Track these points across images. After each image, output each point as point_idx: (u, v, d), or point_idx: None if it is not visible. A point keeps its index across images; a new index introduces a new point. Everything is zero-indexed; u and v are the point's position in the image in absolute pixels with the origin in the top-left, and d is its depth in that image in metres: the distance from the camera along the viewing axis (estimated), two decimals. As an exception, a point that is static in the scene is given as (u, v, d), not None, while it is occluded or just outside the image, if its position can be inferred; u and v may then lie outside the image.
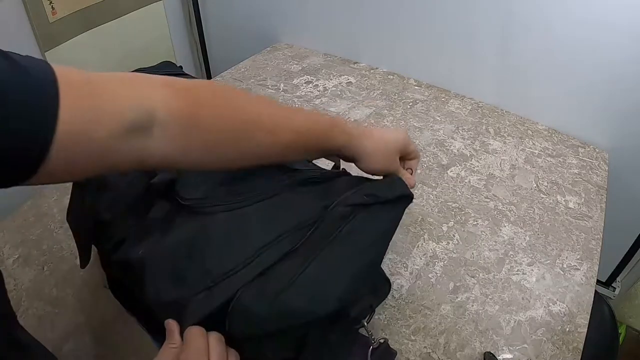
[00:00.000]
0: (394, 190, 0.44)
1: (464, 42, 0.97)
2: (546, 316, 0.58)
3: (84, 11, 1.08)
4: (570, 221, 0.72)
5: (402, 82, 1.08)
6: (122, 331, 0.54)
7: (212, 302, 0.36)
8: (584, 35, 0.82)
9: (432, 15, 0.98)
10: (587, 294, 0.61)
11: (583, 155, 0.87)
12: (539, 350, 0.54)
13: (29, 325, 0.55)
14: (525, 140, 0.90)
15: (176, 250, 0.39)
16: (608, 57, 0.82)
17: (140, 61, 0.49)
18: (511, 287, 0.62)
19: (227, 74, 1.11)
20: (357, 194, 0.42)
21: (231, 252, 0.38)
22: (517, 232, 0.70)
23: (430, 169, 0.82)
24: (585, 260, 0.66)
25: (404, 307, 0.58)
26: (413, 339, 0.55)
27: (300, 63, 1.16)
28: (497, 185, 0.79)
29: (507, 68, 0.95)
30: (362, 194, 0.42)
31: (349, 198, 0.42)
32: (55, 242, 0.65)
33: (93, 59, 1.16)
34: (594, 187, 0.79)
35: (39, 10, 0.98)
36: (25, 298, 0.58)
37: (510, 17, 0.88)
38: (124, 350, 0.52)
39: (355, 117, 0.95)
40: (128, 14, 1.20)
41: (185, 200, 0.42)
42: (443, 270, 0.63)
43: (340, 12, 1.12)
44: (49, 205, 0.71)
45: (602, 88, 0.86)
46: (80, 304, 0.57)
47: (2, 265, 0.62)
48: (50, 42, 1.04)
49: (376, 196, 0.42)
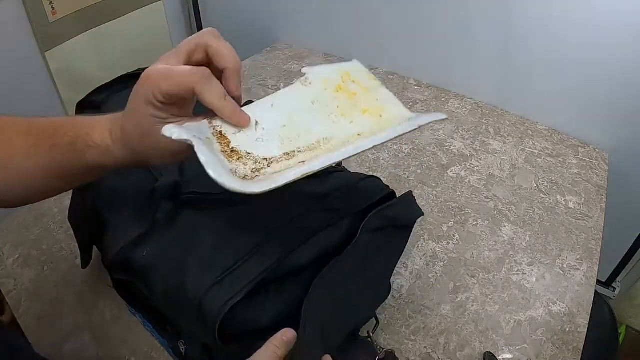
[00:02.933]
0: (413, 213, 0.43)
1: (464, 42, 0.97)
2: (546, 316, 0.58)
3: (84, 11, 1.08)
4: (570, 221, 0.72)
5: (402, 82, 1.08)
6: (122, 331, 0.54)
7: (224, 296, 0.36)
8: (584, 35, 0.82)
9: (432, 16, 0.98)
10: (587, 294, 0.61)
11: (583, 155, 0.87)
12: (539, 350, 0.54)
13: (29, 325, 0.55)
14: (525, 140, 0.90)
15: (181, 247, 0.39)
16: (608, 57, 0.82)
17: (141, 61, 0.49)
18: (511, 287, 0.62)
19: (227, 74, 1.11)
20: (378, 217, 0.41)
21: (237, 245, 0.38)
22: (517, 232, 0.70)
23: (430, 169, 0.82)
24: (585, 260, 0.66)
25: (404, 307, 0.58)
26: (413, 339, 0.55)
27: (300, 63, 1.16)
28: (497, 185, 0.79)
29: (507, 68, 0.95)
30: (382, 218, 0.41)
31: (370, 222, 0.41)
32: (55, 242, 0.65)
33: (93, 59, 1.16)
34: (594, 187, 0.79)
35: (39, 10, 0.98)
36: (25, 298, 0.58)
37: (510, 17, 0.88)
38: (124, 350, 0.52)
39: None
40: (128, 14, 1.20)
41: (186, 195, 0.42)
42: (443, 270, 0.63)
43: (340, 12, 1.12)
44: (49, 205, 0.71)
45: (602, 88, 0.85)
46: (80, 304, 0.57)
47: (2, 265, 0.62)
48: (50, 42, 1.04)
49: (397, 220, 0.42)
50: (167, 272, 0.39)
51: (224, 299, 0.35)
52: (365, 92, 0.37)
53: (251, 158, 0.32)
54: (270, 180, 0.29)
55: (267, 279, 0.37)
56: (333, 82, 0.37)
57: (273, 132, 0.34)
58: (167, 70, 0.33)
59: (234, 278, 0.36)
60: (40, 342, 0.53)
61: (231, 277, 0.36)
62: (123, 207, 0.44)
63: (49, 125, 0.37)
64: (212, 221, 0.41)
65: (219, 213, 0.41)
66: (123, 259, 0.42)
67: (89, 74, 1.15)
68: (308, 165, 0.30)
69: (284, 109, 0.36)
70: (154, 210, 0.42)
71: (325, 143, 0.34)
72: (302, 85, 0.36)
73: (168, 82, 0.32)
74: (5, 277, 0.60)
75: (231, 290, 0.36)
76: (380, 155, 0.85)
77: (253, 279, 0.36)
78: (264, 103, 0.36)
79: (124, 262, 0.42)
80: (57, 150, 0.36)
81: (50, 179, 0.37)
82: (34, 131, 0.37)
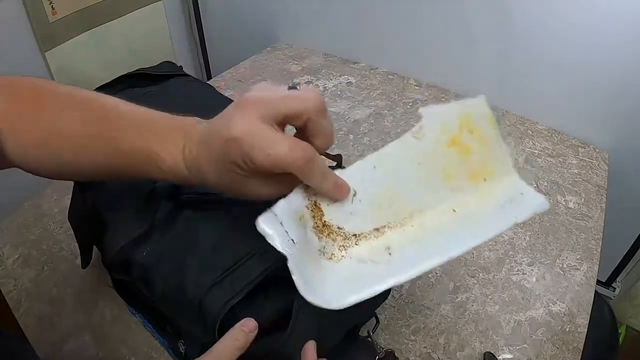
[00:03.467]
0: None
1: (464, 42, 0.97)
2: (546, 316, 0.58)
3: (84, 11, 1.08)
4: (570, 221, 0.72)
5: (402, 82, 1.08)
6: (122, 331, 0.54)
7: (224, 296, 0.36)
8: (584, 35, 0.82)
9: (432, 16, 0.98)
10: (587, 294, 0.61)
11: (583, 155, 0.87)
12: (539, 350, 0.54)
13: (29, 325, 0.55)
14: (525, 140, 0.90)
15: (181, 247, 0.39)
16: (608, 57, 0.82)
17: (141, 61, 0.50)
18: (511, 287, 0.62)
19: (227, 74, 1.11)
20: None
21: (237, 245, 0.38)
22: (517, 232, 0.70)
23: (430, 169, 0.82)
24: (585, 260, 0.66)
25: (404, 307, 0.58)
26: (413, 339, 0.55)
27: (300, 63, 1.16)
28: (497, 185, 0.79)
29: (507, 68, 0.95)
30: None
31: None
32: (55, 242, 0.65)
33: (93, 59, 1.16)
34: (594, 187, 0.79)
35: (39, 10, 0.98)
36: (25, 298, 0.58)
37: (510, 17, 0.88)
38: (124, 350, 0.52)
39: (355, 117, 0.95)
40: (128, 14, 1.20)
41: (186, 195, 0.42)
42: (443, 270, 0.63)
43: (340, 11, 1.12)
44: (49, 205, 0.71)
45: (602, 88, 0.85)
46: (80, 304, 0.57)
47: (2, 265, 0.62)
48: (50, 42, 1.03)
49: None
50: (167, 272, 0.39)
51: (224, 299, 0.35)
52: (480, 147, 0.35)
53: (341, 233, 0.33)
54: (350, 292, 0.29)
55: (266, 279, 0.37)
56: (448, 131, 0.34)
57: (368, 202, 0.33)
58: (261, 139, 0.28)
59: (234, 278, 0.36)
60: (40, 342, 0.53)
61: (231, 277, 0.36)
62: (123, 207, 0.44)
63: (111, 120, 0.34)
64: (212, 221, 0.41)
65: (219, 213, 0.41)
66: (123, 259, 0.42)
67: (89, 74, 1.15)
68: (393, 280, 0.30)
69: (385, 173, 0.34)
70: (154, 210, 0.42)
71: (417, 217, 0.34)
72: (413, 138, 0.33)
73: (262, 155, 0.28)
74: (5, 277, 0.60)
75: (231, 291, 0.36)
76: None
77: (253, 279, 0.36)
78: (366, 164, 0.34)
79: (124, 262, 0.42)
80: (116, 159, 0.34)
81: (98, 174, 0.36)
82: (93, 121, 0.34)
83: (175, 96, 0.57)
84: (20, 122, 0.34)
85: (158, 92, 0.57)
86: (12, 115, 0.33)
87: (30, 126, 0.34)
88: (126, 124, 0.34)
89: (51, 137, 0.34)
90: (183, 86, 0.61)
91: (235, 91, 1.03)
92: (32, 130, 0.34)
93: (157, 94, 0.57)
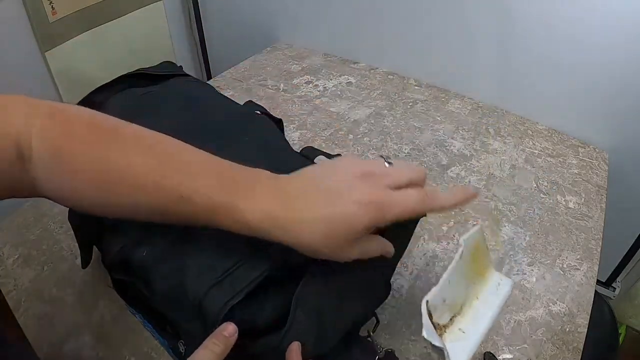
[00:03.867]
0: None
1: (464, 42, 0.97)
2: (546, 316, 0.58)
3: (84, 11, 1.08)
4: (570, 221, 0.72)
5: (402, 82, 1.08)
6: (122, 331, 0.54)
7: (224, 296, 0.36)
8: (584, 35, 0.82)
9: (432, 16, 0.98)
10: (587, 294, 0.61)
11: (583, 155, 0.87)
12: (539, 350, 0.54)
13: (29, 325, 0.55)
14: (525, 140, 0.90)
15: (181, 248, 0.39)
16: (608, 57, 0.82)
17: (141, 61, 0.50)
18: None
19: (227, 74, 1.11)
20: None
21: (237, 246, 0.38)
22: (517, 232, 0.70)
23: (430, 169, 0.82)
24: (585, 260, 0.66)
25: (404, 307, 0.58)
26: (413, 339, 0.55)
27: (300, 63, 1.16)
28: (497, 185, 0.79)
29: (507, 68, 0.95)
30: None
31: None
32: (55, 242, 0.65)
33: (93, 59, 1.16)
34: (594, 187, 0.79)
35: (39, 10, 0.98)
36: (25, 298, 0.58)
37: (510, 16, 0.88)
38: (124, 350, 0.52)
39: (355, 117, 0.95)
40: (128, 14, 1.20)
41: None
42: (443, 270, 0.63)
43: (340, 11, 1.12)
44: (49, 205, 0.71)
45: (602, 88, 0.86)
46: (80, 304, 0.57)
47: (2, 265, 0.62)
48: (50, 42, 1.04)
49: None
50: (167, 272, 0.39)
51: (223, 300, 0.35)
52: (483, 257, 0.55)
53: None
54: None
55: (266, 279, 0.37)
56: (471, 249, 0.51)
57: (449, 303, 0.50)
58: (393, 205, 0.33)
59: (234, 278, 0.36)
60: (40, 342, 0.53)
61: (231, 277, 0.36)
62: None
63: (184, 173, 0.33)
64: None
65: None
66: (123, 259, 0.42)
67: (89, 74, 1.15)
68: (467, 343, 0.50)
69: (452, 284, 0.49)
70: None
71: (464, 307, 0.52)
72: (460, 259, 0.49)
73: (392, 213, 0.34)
74: (5, 277, 0.60)
75: (231, 291, 0.36)
76: (381, 155, 0.85)
77: (253, 279, 0.36)
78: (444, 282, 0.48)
79: (124, 262, 0.42)
80: (174, 215, 0.34)
81: (145, 219, 0.35)
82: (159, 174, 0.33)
83: (175, 96, 0.57)
84: (75, 161, 0.32)
85: (158, 92, 0.57)
86: (67, 154, 0.32)
87: (87, 166, 0.32)
88: (199, 173, 0.34)
89: (112, 180, 0.33)
90: (183, 86, 0.61)
91: (235, 91, 1.03)
92: (88, 170, 0.32)
93: (157, 94, 0.57)
